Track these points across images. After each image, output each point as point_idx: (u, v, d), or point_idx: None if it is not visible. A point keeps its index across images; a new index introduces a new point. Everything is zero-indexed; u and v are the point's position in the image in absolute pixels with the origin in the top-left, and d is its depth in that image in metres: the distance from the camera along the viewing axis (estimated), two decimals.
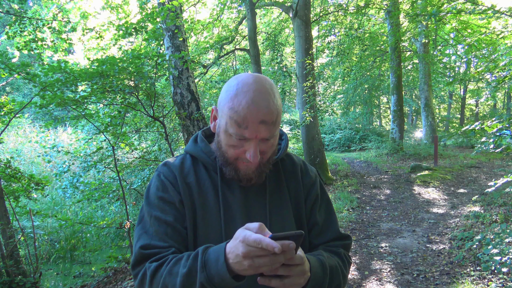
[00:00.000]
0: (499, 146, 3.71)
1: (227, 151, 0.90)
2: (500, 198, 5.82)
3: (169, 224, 0.89)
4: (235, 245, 0.71)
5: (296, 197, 1.01)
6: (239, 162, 0.91)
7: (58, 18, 7.13)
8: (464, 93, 22.14)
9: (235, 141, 0.87)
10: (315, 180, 1.06)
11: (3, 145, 9.42)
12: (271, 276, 0.76)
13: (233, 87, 0.87)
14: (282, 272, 0.75)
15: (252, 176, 0.92)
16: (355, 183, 8.33)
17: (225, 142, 0.89)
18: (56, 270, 4.99)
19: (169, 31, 5.44)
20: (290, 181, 1.02)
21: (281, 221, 0.96)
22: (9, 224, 3.60)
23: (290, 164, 1.05)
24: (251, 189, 0.96)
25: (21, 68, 3.54)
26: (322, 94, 9.83)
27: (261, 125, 0.84)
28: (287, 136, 1.06)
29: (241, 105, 0.83)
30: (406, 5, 11.08)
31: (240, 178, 0.92)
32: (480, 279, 3.39)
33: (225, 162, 0.92)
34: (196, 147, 1.00)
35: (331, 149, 16.71)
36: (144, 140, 7.97)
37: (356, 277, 3.66)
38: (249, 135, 0.84)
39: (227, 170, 0.92)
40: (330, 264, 0.92)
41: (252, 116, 0.83)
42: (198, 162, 0.99)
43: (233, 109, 0.84)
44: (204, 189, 0.95)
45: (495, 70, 4.54)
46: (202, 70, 8.77)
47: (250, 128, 0.83)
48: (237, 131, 0.84)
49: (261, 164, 0.92)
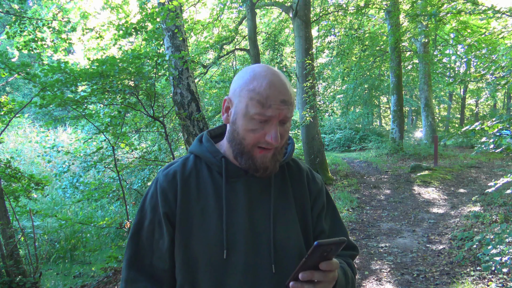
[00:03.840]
0: (499, 146, 3.71)
1: (245, 137, 0.89)
2: (500, 198, 5.82)
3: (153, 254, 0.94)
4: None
5: (302, 203, 1.00)
6: (255, 151, 0.90)
7: (58, 18, 7.12)
8: (464, 93, 22.14)
9: (255, 124, 0.87)
10: (322, 188, 1.06)
11: (3, 145, 9.42)
12: (304, 282, 0.77)
13: (248, 73, 0.90)
14: (317, 277, 0.76)
15: (269, 165, 0.91)
16: (355, 183, 8.33)
17: (244, 127, 0.89)
18: (56, 270, 4.99)
19: (169, 31, 5.43)
20: (295, 186, 1.01)
21: (285, 226, 0.94)
22: (9, 224, 3.60)
23: (296, 170, 1.05)
24: (255, 192, 0.94)
25: (21, 68, 3.54)
26: (322, 94, 9.82)
27: (282, 104, 0.87)
28: (293, 140, 1.06)
29: (262, 86, 0.86)
30: (406, 5, 11.07)
31: (257, 167, 0.90)
32: (480, 279, 3.39)
33: (241, 151, 0.91)
34: (201, 146, 0.99)
35: (331, 149, 16.71)
36: (144, 140, 7.97)
37: (356, 277, 3.66)
38: (272, 113, 0.86)
39: (242, 160, 0.91)
40: (350, 274, 0.94)
41: (274, 95, 0.86)
42: (201, 163, 0.98)
43: (254, 91, 0.86)
44: (204, 193, 0.93)
45: (496, 71, 4.54)
46: (202, 70, 8.78)
47: (273, 106, 0.86)
48: (260, 110, 0.86)
49: (276, 152, 0.92)
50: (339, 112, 16.71)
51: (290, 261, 0.91)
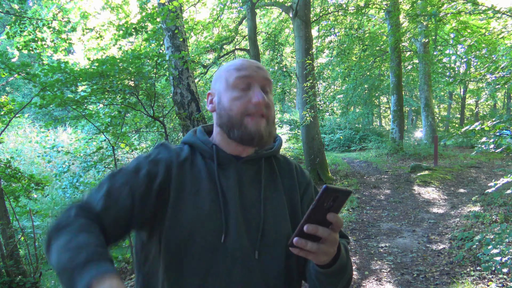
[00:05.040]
0: (499, 146, 3.71)
1: (232, 108, 0.91)
2: (500, 198, 5.82)
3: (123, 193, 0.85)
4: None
5: (290, 193, 1.02)
6: (246, 120, 0.91)
7: (58, 18, 7.12)
8: (464, 93, 22.14)
9: (238, 92, 0.92)
10: (310, 181, 1.08)
11: (3, 145, 9.41)
12: (309, 238, 0.73)
13: (225, 64, 0.99)
14: (321, 232, 0.72)
15: (263, 133, 0.92)
16: (355, 183, 8.33)
17: (229, 99, 0.92)
18: None
19: (169, 31, 5.44)
20: (284, 177, 1.03)
21: (275, 210, 0.95)
22: (9, 224, 3.60)
23: (284, 162, 1.07)
24: (246, 178, 0.96)
25: (21, 68, 3.54)
26: (322, 94, 9.83)
27: (258, 69, 0.95)
28: (281, 138, 1.09)
29: (237, 62, 0.96)
30: (406, 5, 11.07)
31: (252, 135, 0.91)
32: (480, 279, 3.39)
33: (232, 124, 0.92)
34: (194, 137, 1.02)
35: (331, 149, 16.70)
36: (144, 140, 7.97)
37: (356, 277, 3.66)
38: (250, 73, 0.93)
39: (235, 133, 0.92)
40: (348, 252, 0.94)
41: (249, 64, 0.95)
42: (195, 151, 1.00)
43: (230, 66, 0.96)
44: (198, 177, 0.94)
45: (496, 71, 4.55)
46: (202, 70, 8.78)
47: (249, 70, 0.93)
48: (238, 74, 0.92)
49: (269, 121, 0.94)
50: (339, 112, 16.72)
51: (278, 248, 0.91)
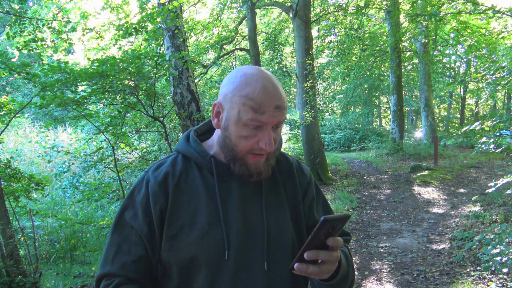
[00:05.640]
0: (499, 146, 3.71)
1: (238, 144, 0.88)
2: (500, 198, 5.82)
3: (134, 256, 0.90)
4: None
5: (293, 197, 1.00)
6: (248, 157, 0.89)
7: (58, 18, 7.12)
8: (464, 93, 22.13)
9: (248, 130, 0.86)
10: (311, 179, 1.07)
11: (3, 145, 9.41)
12: (310, 263, 0.75)
13: (239, 77, 0.87)
14: (323, 256, 0.74)
15: (262, 170, 0.91)
16: (355, 183, 8.33)
17: (237, 134, 0.87)
18: (56, 270, 4.99)
19: (169, 31, 5.44)
20: (286, 181, 1.01)
21: (278, 221, 0.94)
22: (9, 224, 3.60)
23: (285, 164, 1.05)
24: (247, 189, 0.94)
25: (21, 68, 3.54)
26: (322, 94, 9.83)
27: (276, 110, 0.85)
28: (281, 138, 1.07)
29: (255, 91, 0.84)
30: (406, 5, 11.07)
31: (251, 173, 0.90)
32: (480, 279, 3.39)
33: (234, 158, 0.90)
34: (188, 146, 0.98)
35: (331, 149, 16.69)
36: (144, 140, 7.97)
37: (356, 277, 3.66)
38: (267, 119, 0.85)
39: (235, 166, 0.90)
40: (350, 257, 0.94)
41: (268, 101, 0.84)
42: (190, 162, 0.97)
43: (247, 97, 0.84)
44: (196, 194, 0.92)
45: (497, 72, 4.54)
46: (202, 70, 8.78)
47: (267, 113, 0.84)
48: (254, 116, 0.84)
49: (269, 156, 0.92)
50: (339, 112, 16.71)
51: (283, 257, 0.91)
